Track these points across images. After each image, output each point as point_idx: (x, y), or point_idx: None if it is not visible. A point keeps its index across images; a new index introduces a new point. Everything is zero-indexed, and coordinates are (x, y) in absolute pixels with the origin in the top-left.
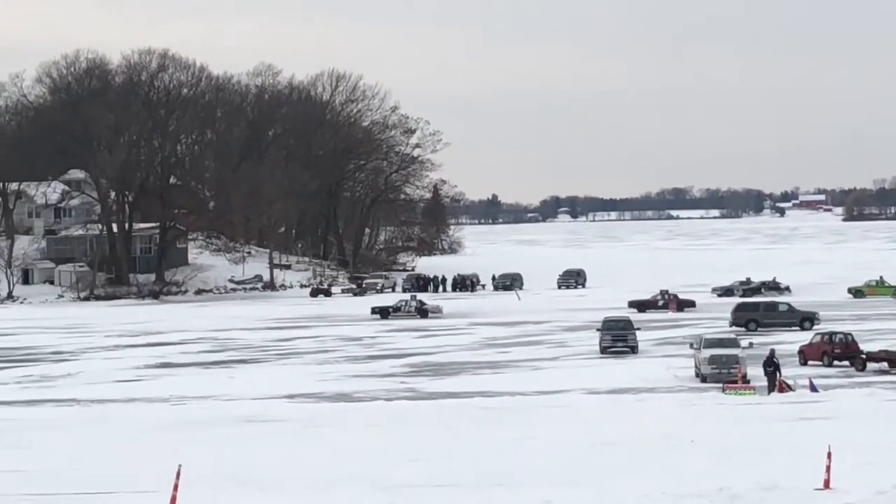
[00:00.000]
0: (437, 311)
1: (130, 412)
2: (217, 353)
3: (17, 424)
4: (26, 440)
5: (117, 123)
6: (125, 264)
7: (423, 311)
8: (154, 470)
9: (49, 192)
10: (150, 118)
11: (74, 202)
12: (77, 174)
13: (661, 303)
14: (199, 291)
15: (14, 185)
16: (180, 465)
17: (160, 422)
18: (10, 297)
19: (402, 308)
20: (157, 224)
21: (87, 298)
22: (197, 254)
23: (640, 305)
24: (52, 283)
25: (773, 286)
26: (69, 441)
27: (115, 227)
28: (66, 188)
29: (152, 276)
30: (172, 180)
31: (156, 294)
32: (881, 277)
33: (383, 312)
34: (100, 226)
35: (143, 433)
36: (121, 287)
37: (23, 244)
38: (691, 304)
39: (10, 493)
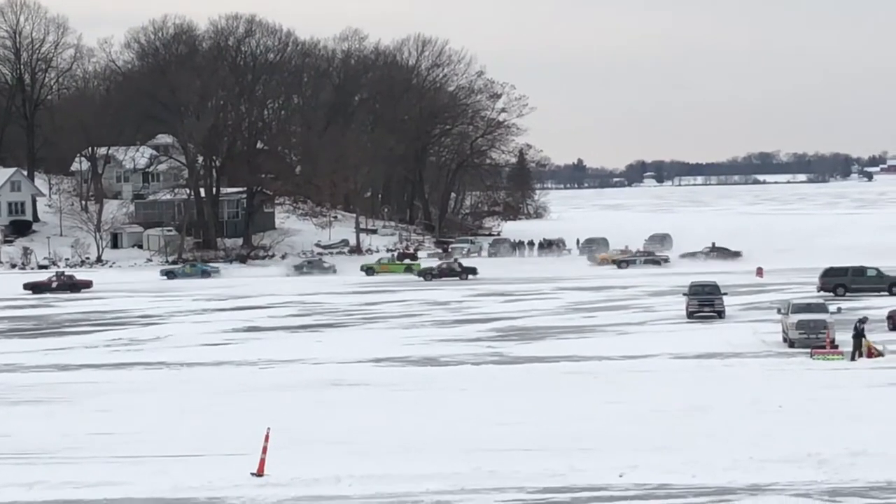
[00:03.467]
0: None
1: (219, 376)
2: (304, 318)
3: (107, 387)
4: (115, 403)
5: (204, 89)
6: (213, 229)
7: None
8: (242, 433)
9: (137, 156)
10: (237, 83)
11: (162, 167)
12: (165, 139)
13: (55, 284)
14: (285, 256)
15: (103, 150)
16: (269, 428)
17: (248, 385)
18: (99, 260)
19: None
20: (245, 189)
21: (175, 262)
22: (284, 218)
23: (35, 287)
24: (140, 247)
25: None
26: (158, 404)
27: (202, 192)
28: (154, 153)
29: (240, 241)
30: (259, 145)
31: (243, 258)
32: (393, 255)
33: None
34: (187, 190)
35: (231, 396)
36: (208, 251)
37: (112, 208)
38: (88, 284)
39: (102, 454)
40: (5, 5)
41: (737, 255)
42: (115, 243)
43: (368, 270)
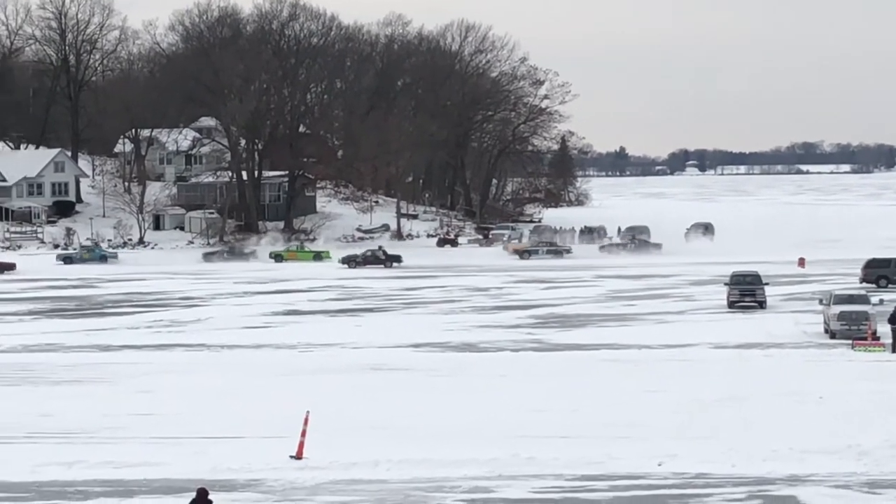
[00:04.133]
0: (11, 268)
1: (259, 358)
2: (344, 302)
3: (148, 368)
4: (156, 384)
5: (248, 72)
6: (254, 211)
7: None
8: (282, 415)
9: (180, 139)
10: (281, 67)
11: (205, 149)
12: (208, 122)
13: None
14: (326, 239)
15: (146, 132)
16: (308, 412)
17: (288, 368)
18: (141, 242)
19: None
20: (286, 172)
21: (216, 245)
22: (325, 202)
23: None
24: (182, 229)
25: None
26: (198, 386)
27: (244, 175)
28: (197, 135)
29: (281, 224)
30: (301, 129)
31: (285, 241)
32: (301, 243)
33: None
34: (230, 173)
35: (270, 379)
36: (250, 234)
37: (154, 190)
38: (11, 266)
39: (141, 435)
40: None
41: (657, 246)
42: (157, 225)
43: (277, 257)
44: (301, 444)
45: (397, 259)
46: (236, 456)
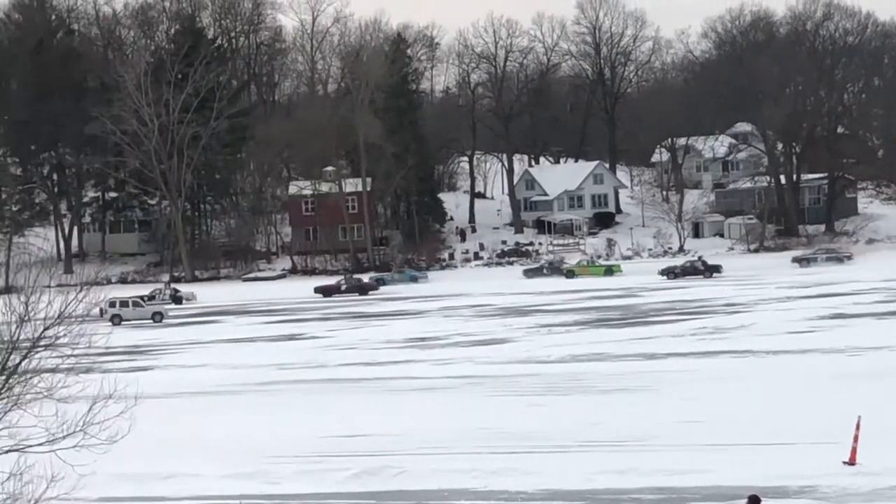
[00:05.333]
0: (191, 298)
1: (806, 363)
2: (892, 304)
3: (693, 375)
4: (702, 391)
5: (782, 75)
6: (794, 215)
7: (176, 299)
8: (832, 420)
9: (716, 145)
10: (816, 68)
11: (741, 155)
12: (743, 127)
13: (343, 287)
14: (869, 241)
15: (682, 141)
16: (860, 417)
17: (836, 373)
18: (681, 250)
19: (157, 296)
20: (825, 174)
21: (756, 250)
22: (867, 203)
23: (325, 290)
24: (721, 235)
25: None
26: (745, 392)
27: (782, 179)
28: (733, 141)
29: (821, 227)
30: (840, 130)
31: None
32: (592, 258)
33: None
34: (767, 178)
35: (818, 384)
36: (790, 238)
37: (692, 198)
38: (374, 287)
39: (689, 442)
40: (584, 1)
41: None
42: (696, 233)
43: (569, 273)
44: (854, 450)
45: (717, 269)
46: (786, 462)
